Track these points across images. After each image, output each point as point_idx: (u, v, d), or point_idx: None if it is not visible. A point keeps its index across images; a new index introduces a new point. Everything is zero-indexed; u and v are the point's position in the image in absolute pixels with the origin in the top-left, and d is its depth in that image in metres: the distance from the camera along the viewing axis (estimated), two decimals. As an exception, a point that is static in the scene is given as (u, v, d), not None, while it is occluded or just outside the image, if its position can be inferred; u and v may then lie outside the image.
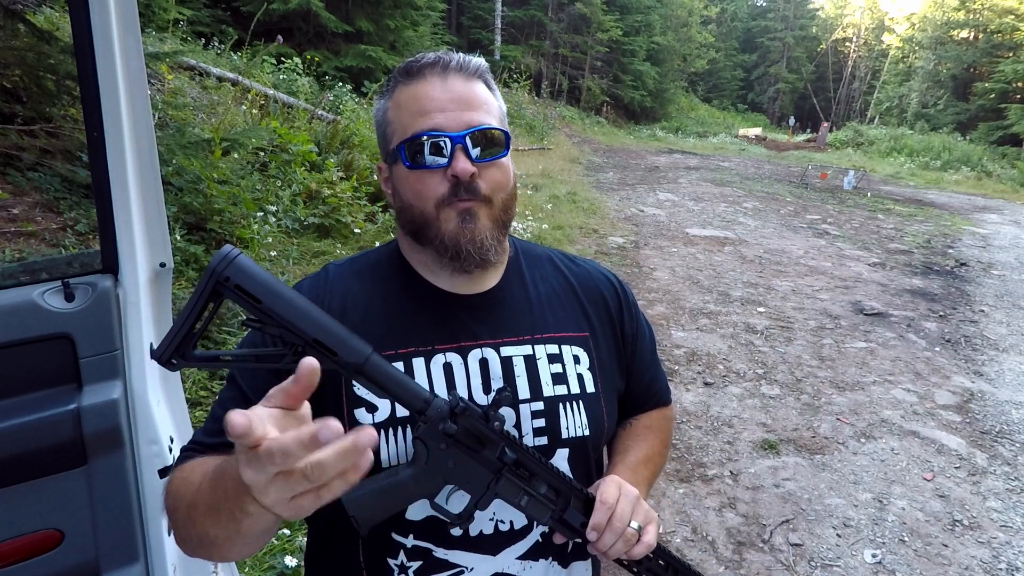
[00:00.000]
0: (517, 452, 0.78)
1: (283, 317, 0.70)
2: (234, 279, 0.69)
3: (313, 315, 0.71)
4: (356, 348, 0.71)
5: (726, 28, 47.37)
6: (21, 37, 3.30)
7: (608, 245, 7.39)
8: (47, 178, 3.44)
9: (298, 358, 0.67)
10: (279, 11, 10.36)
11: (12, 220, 3.15)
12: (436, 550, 0.85)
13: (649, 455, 1.00)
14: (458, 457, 0.75)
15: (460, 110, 0.82)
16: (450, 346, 0.88)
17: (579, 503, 0.81)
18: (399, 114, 0.85)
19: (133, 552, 1.33)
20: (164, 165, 3.60)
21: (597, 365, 0.95)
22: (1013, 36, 26.26)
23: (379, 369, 0.72)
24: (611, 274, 1.07)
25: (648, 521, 0.82)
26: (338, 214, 5.03)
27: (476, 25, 23.68)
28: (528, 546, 0.88)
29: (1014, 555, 2.68)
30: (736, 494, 2.98)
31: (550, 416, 0.89)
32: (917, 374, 4.45)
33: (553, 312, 0.95)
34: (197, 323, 0.71)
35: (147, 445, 1.33)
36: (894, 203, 12.48)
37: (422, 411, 0.74)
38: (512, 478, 0.78)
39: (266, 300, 0.70)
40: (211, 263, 0.69)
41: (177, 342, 0.71)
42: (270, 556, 2.09)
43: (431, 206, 0.83)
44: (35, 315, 1.18)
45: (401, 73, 0.86)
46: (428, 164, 0.81)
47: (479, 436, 0.76)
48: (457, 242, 0.82)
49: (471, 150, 0.81)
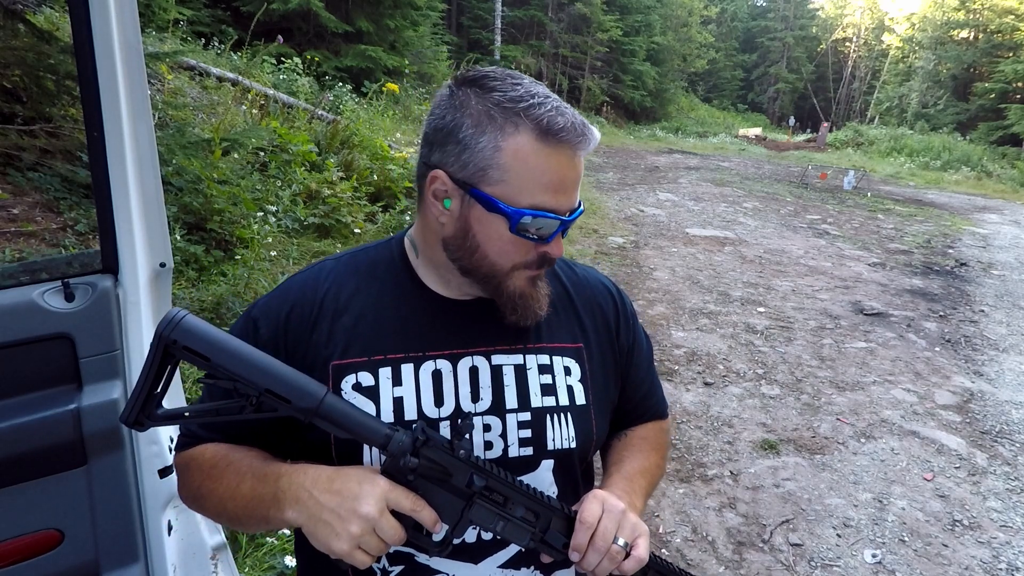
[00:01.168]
0: (487, 478, 0.77)
1: (233, 372, 0.73)
2: (181, 341, 0.73)
3: (262, 365, 0.74)
4: (309, 392, 0.74)
5: (726, 28, 47.37)
6: (21, 37, 3.30)
7: (608, 245, 7.39)
8: (47, 178, 3.44)
9: (256, 409, 0.75)
10: (279, 11, 10.35)
11: (12, 220, 3.15)
12: (418, 555, 0.85)
13: (645, 467, 0.99)
14: (427, 488, 0.75)
15: (574, 192, 0.80)
16: (441, 353, 0.88)
17: (560, 522, 0.80)
18: (520, 171, 0.77)
19: (133, 552, 1.33)
20: (164, 165, 3.60)
21: (589, 377, 0.94)
22: (1013, 36, 26.25)
23: (335, 410, 0.74)
24: (610, 283, 1.06)
25: (637, 535, 0.80)
26: (338, 214, 5.03)
27: (476, 25, 23.68)
28: (510, 555, 0.88)
29: (1014, 555, 2.68)
30: (736, 494, 2.98)
31: (536, 427, 0.88)
32: (917, 374, 4.45)
33: (548, 323, 0.94)
34: (157, 385, 0.76)
35: (147, 445, 1.33)
36: (894, 203, 12.48)
37: (384, 446, 0.74)
38: (485, 504, 0.77)
39: (214, 357, 0.73)
40: (157, 327, 0.73)
41: (139, 406, 0.76)
42: (270, 556, 2.08)
43: (508, 267, 0.82)
44: (35, 315, 1.18)
45: (542, 128, 0.76)
46: (531, 237, 0.80)
47: (444, 466, 0.76)
48: (526, 301, 0.84)
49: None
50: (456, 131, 0.79)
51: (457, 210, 0.82)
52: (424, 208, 0.86)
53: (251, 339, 0.87)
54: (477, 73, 0.81)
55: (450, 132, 0.79)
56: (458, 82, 0.81)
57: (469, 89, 0.79)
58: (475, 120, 0.78)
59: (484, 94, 0.78)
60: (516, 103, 0.77)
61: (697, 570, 2.49)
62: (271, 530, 0.84)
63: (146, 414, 0.76)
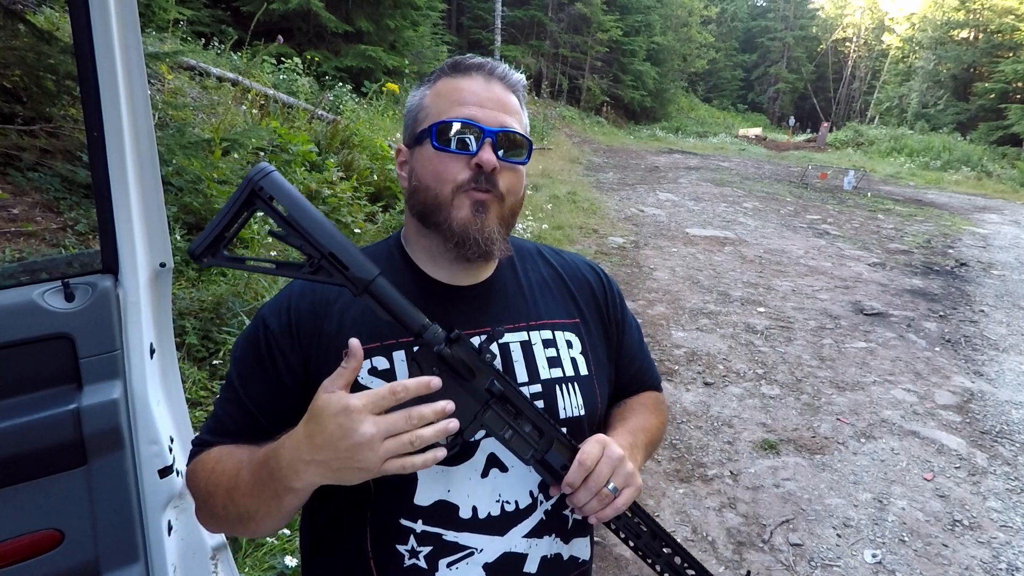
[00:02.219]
0: (505, 386, 0.81)
1: (305, 229, 0.78)
2: (267, 190, 0.77)
3: (332, 232, 0.79)
4: (367, 267, 0.78)
5: (726, 28, 47.38)
6: (21, 37, 3.29)
7: (608, 245, 7.39)
8: (47, 178, 3.44)
9: (313, 270, 0.79)
10: (279, 11, 10.34)
11: (12, 220, 3.15)
12: (446, 534, 0.87)
13: (646, 425, 1.03)
14: (449, 384, 0.78)
15: (496, 110, 0.87)
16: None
17: (562, 448, 0.83)
18: (437, 100, 0.89)
19: (133, 552, 1.33)
20: (164, 165, 3.60)
21: (589, 349, 1.00)
22: (1013, 36, 26.25)
23: (384, 290, 0.79)
24: (596, 265, 1.12)
25: (627, 485, 0.83)
26: (338, 214, 5.03)
27: (476, 25, 23.67)
28: (533, 524, 0.91)
29: (1014, 555, 2.68)
30: (736, 494, 2.98)
31: (548, 398, 0.92)
32: (917, 374, 4.45)
33: (545, 300, 1.00)
34: (231, 227, 0.79)
35: (147, 445, 1.33)
36: (894, 203, 12.48)
37: (420, 334, 0.78)
38: (499, 411, 0.81)
39: (292, 211, 0.78)
40: (249, 174, 0.78)
41: (210, 241, 0.79)
42: (270, 556, 2.08)
43: (448, 189, 0.86)
44: (35, 315, 1.18)
45: (449, 67, 0.91)
46: (455, 149, 0.85)
47: (470, 366, 0.79)
48: (466, 230, 0.85)
49: (498, 148, 0.86)
50: (407, 110, 0.94)
51: (408, 167, 0.93)
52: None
53: (261, 337, 0.90)
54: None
55: (406, 114, 0.95)
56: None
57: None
58: (418, 92, 0.93)
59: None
60: (443, 65, 0.92)
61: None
62: (288, 515, 0.80)
63: (212, 251, 0.79)
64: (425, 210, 0.88)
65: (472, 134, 0.85)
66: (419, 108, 0.91)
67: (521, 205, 0.94)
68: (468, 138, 0.85)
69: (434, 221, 0.87)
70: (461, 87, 0.88)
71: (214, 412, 0.93)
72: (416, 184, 0.90)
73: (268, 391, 0.89)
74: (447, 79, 0.90)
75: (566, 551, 0.94)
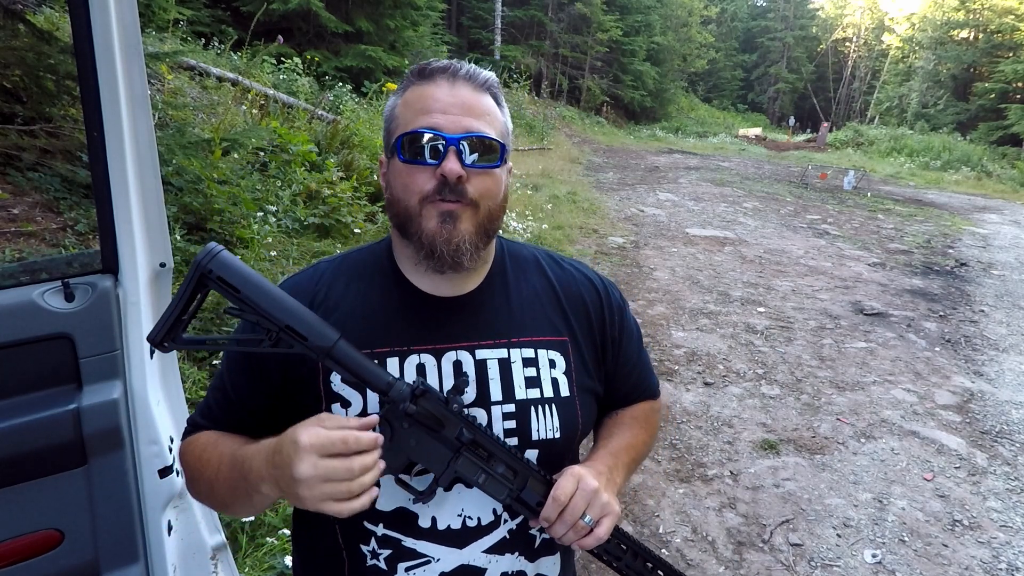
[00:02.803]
0: (474, 433, 0.82)
1: (259, 305, 0.79)
2: (216, 271, 0.79)
3: (287, 304, 0.80)
4: (324, 334, 0.80)
5: (726, 28, 47.36)
6: (21, 37, 3.29)
7: (608, 245, 7.40)
8: (47, 178, 3.44)
9: (273, 343, 0.81)
10: (279, 11, 10.35)
11: (12, 220, 3.15)
12: (404, 540, 0.89)
13: (632, 443, 1.03)
14: (419, 436, 0.81)
15: (462, 115, 0.85)
16: (425, 347, 0.91)
17: (537, 484, 0.85)
18: (404, 110, 0.88)
19: (133, 552, 1.33)
20: (164, 165, 3.60)
21: (573, 369, 0.97)
22: (1013, 36, 26.24)
23: (346, 354, 0.80)
24: (596, 277, 1.07)
25: (604, 514, 0.84)
26: (338, 214, 5.03)
27: (476, 25, 23.67)
28: (495, 540, 0.91)
29: (1014, 555, 2.68)
30: (736, 494, 2.98)
31: (521, 418, 0.91)
32: (917, 374, 4.45)
33: (532, 316, 0.97)
34: (186, 311, 0.81)
35: (147, 445, 1.33)
36: (894, 203, 12.48)
37: (385, 392, 0.80)
38: (471, 457, 0.82)
39: (244, 290, 0.79)
40: (196, 257, 0.79)
41: (168, 326, 0.81)
42: (270, 556, 2.08)
43: (415, 201, 0.85)
44: (35, 315, 1.18)
45: (414, 74, 0.90)
46: (420, 160, 0.84)
47: (438, 417, 0.81)
48: (433, 241, 0.84)
49: (465, 154, 0.84)
50: (384, 120, 0.93)
51: (387, 177, 0.92)
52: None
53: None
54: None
55: (384, 122, 0.94)
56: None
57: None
58: (391, 102, 0.92)
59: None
60: (410, 71, 0.91)
61: (697, 570, 2.49)
62: (261, 509, 0.89)
63: (171, 337, 0.81)
64: (400, 222, 0.88)
65: (437, 143, 0.83)
66: (391, 119, 0.91)
67: (503, 208, 0.91)
68: (437, 146, 0.83)
69: (408, 232, 0.87)
70: (425, 95, 0.86)
71: (206, 397, 0.98)
72: (390, 196, 0.90)
73: (252, 389, 0.93)
74: (414, 87, 0.88)
75: (531, 569, 0.94)
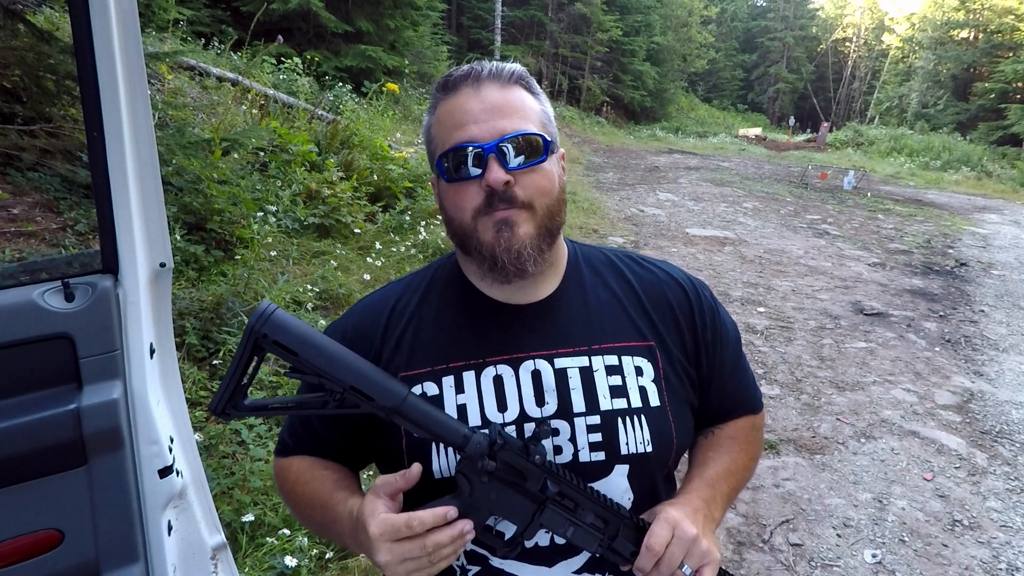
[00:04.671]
0: (560, 484, 0.78)
1: (319, 367, 0.76)
2: (271, 335, 0.75)
3: (348, 362, 0.77)
4: (392, 391, 0.76)
5: (726, 28, 47.37)
6: (21, 37, 3.29)
7: (608, 245, 7.39)
8: (47, 178, 3.44)
9: (339, 404, 0.77)
10: (279, 11, 10.34)
11: (12, 220, 3.15)
12: (492, 558, 0.86)
13: (731, 468, 0.95)
14: (500, 490, 0.76)
15: (493, 119, 0.81)
16: (502, 358, 0.87)
17: (629, 531, 0.80)
18: (439, 129, 0.86)
19: (133, 552, 1.33)
20: (164, 165, 3.59)
21: (663, 376, 0.90)
22: (1013, 36, 26.24)
23: (416, 409, 0.77)
24: (684, 276, 1.00)
25: (704, 563, 0.79)
26: (338, 214, 5.03)
27: (476, 25, 23.66)
28: (583, 561, 0.87)
29: (1014, 555, 2.68)
30: (736, 494, 2.98)
31: (607, 430, 0.85)
32: (917, 374, 4.45)
33: (614, 320, 0.91)
34: (244, 376, 0.78)
35: (147, 445, 1.33)
36: (894, 203, 12.48)
37: (462, 447, 0.76)
38: (557, 509, 0.78)
39: (301, 352, 0.75)
40: (249, 321, 0.76)
41: (228, 395, 0.78)
42: (270, 556, 2.08)
43: (468, 217, 0.83)
44: (35, 315, 1.18)
45: (439, 89, 0.87)
46: (463, 176, 0.82)
47: (520, 470, 0.77)
48: (494, 252, 0.82)
49: (509, 157, 0.81)
50: (424, 139, 0.92)
51: (439, 199, 0.90)
52: None
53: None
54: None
55: (426, 143, 0.92)
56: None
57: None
58: (427, 122, 0.90)
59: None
60: (435, 86, 0.89)
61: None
62: (351, 547, 0.90)
63: (233, 404, 0.79)
64: (459, 240, 0.87)
65: (476, 154, 0.81)
66: (429, 140, 0.89)
67: (562, 202, 0.87)
68: (476, 156, 0.81)
69: (469, 248, 0.85)
70: (454, 108, 0.84)
71: (291, 416, 0.99)
72: (445, 217, 0.88)
73: (336, 429, 0.94)
74: (443, 102, 0.86)
75: None
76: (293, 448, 0.97)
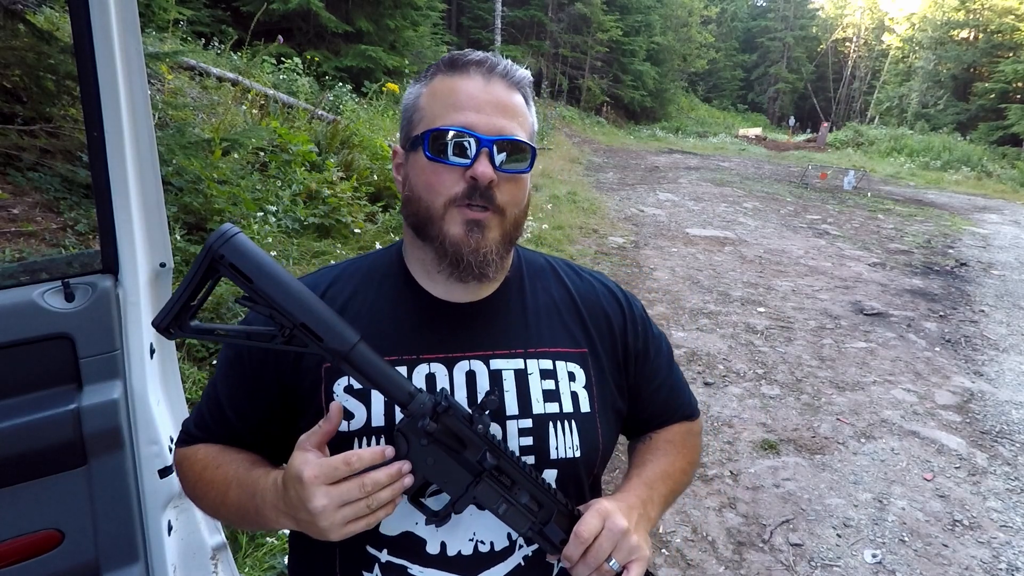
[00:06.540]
0: (499, 458, 0.76)
1: (273, 299, 0.72)
2: (228, 257, 0.71)
3: (304, 299, 0.73)
4: (343, 336, 0.73)
5: (726, 28, 47.36)
6: (21, 37, 3.29)
7: (608, 245, 7.39)
8: (47, 178, 3.44)
9: (287, 341, 0.74)
10: (279, 11, 10.35)
11: (12, 220, 3.15)
12: (411, 567, 0.83)
13: (668, 471, 0.95)
14: (438, 455, 0.74)
15: (495, 115, 0.79)
16: (436, 356, 0.85)
17: (562, 518, 0.79)
18: (432, 102, 0.82)
19: (133, 552, 1.33)
20: (164, 165, 3.60)
21: (595, 383, 0.91)
22: (1013, 36, 26.26)
23: (365, 358, 0.73)
24: (618, 289, 1.02)
25: (632, 559, 0.78)
26: (338, 214, 5.03)
27: (476, 25, 23.67)
28: (509, 568, 0.85)
29: (1014, 555, 2.68)
30: (736, 494, 2.98)
31: (538, 434, 0.85)
32: (917, 374, 4.45)
33: (550, 326, 0.91)
34: (194, 297, 0.74)
35: (147, 445, 1.33)
36: (894, 203, 12.48)
37: (405, 404, 0.74)
38: (492, 484, 0.76)
39: (257, 281, 0.71)
40: (209, 239, 0.71)
41: (175, 313, 0.73)
42: (270, 556, 2.08)
43: (440, 202, 0.79)
44: (35, 315, 1.18)
45: (445, 63, 0.83)
46: (449, 160, 0.78)
47: (461, 437, 0.74)
48: (459, 249, 0.79)
49: (496, 157, 0.78)
50: (403, 108, 0.87)
51: (403, 171, 0.86)
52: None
53: (243, 346, 0.88)
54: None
55: (402, 111, 0.87)
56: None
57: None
58: (414, 90, 0.86)
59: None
60: (440, 60, 0.84)
61: (697, 570, 2.49)
62: (269, 524, 0.82)
63: (178, 324, 0.74)
64: (418, 222, 0.82)
65: (469, 142, 0.78)
66: (414, 108, 0.84)
67: (525, 215, 0.86)
68: (465, 143, 0.78)
69: (428, 235, 0.82)
70: (457, 88, 0.80)
71: (200, 405, 0.93)
72: (409, 194, 0.84)
73: (248, 404, 0.89)
74: (443, 77, 0.82)
75: None
76: (199, 438, 0.92)
